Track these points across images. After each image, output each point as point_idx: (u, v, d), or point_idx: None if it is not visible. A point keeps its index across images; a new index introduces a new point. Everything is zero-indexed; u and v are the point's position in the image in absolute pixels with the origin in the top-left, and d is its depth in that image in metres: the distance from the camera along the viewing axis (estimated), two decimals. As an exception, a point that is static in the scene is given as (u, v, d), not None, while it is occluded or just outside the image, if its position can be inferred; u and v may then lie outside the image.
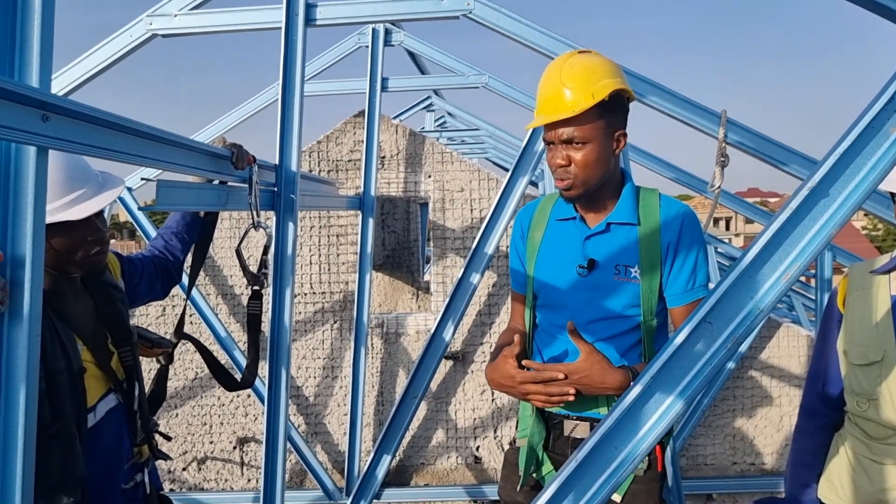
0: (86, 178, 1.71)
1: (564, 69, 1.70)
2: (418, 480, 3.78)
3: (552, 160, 1.75)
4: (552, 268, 1.85)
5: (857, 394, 1.77)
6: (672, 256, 1.77)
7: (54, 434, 1.57)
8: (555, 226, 1.89)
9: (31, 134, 1.15)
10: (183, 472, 3.89)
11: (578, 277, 1.79)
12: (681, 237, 1.77)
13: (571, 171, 1.73)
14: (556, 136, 1.71)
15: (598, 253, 1.80)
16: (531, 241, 1.91)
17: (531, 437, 1.84)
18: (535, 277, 1.88)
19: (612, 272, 1.78)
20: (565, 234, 1.86)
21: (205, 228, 2.35)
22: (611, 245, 1.80)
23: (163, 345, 2.15)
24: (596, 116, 1.68)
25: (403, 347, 3.76)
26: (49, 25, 1.19)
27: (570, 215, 1.86)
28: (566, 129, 1.69)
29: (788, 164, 2.73)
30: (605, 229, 1.81)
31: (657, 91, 2.74)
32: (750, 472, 3.67)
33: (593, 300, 1.78)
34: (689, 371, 1.16)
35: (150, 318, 3.79)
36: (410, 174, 3.85)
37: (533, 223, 1.93)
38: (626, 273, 1.77)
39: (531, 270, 1.89)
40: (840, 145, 1.10)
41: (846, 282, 1.86)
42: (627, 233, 1.80)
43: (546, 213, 1.93)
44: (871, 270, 1.80)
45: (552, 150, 1.75)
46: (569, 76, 1.69)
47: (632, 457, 1.17)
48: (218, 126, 4.32)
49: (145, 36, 2.75)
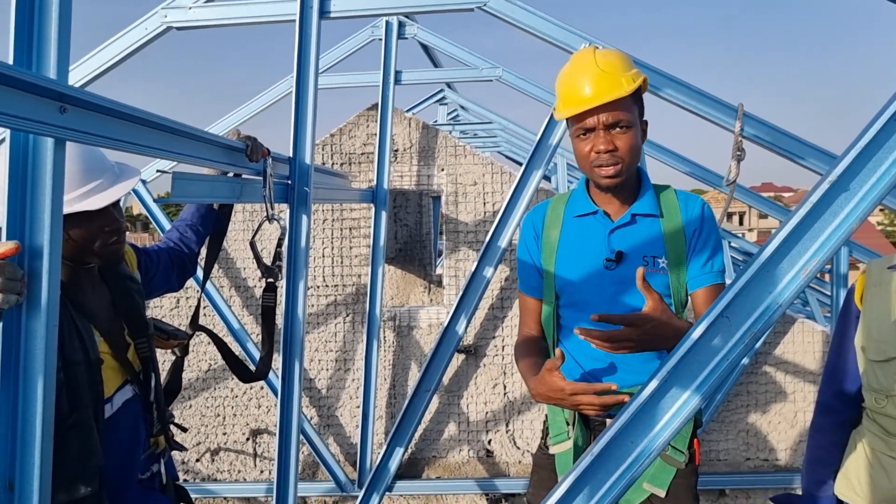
0: (102, 169, 1.72)
1: (598, 58, 1.72)
2: (430, 473, 3.79)
3: (594, 147, 1.71)
4: (576, 265, 1.82)
5: (876, 390, 1.76)
6: (694, 245, 1.79)
7: (72, 425, 1.59)
8: (572, 223, 1.86)
9: (48, 125, 1.16)
10: (196, 463, 3.91)
11: (605, 271, 1.77)
12: (703, 228, 1.80)
13: (619, 156, 1.71)
14: (601, 122, 1.69)
15: (625, 245, 1.78)
16: (547, 241, 1.88)
17: (576, 440, 1.79)
18: (558, 277, 1.85)
19: (641, 263, 1.76)
20: (586, 230, 1.84)
21: (219, 221, 2.36)
22: (637, 236, 1.79)
23: (179, 336, 2.16)
24: (632, 102, 1.72)
25: (416, 341, 3.77)
26: (66, 18, 1.20)
27: (589, 210, 1.84)
28: (613, 113, 1.68)
29: (805, 157, 2.71)
30: (631, 220, 1.80)
31: (673, 84, 2.72)
32: (763, 468, 3.65)
33: (622, 293, 1.76)
34: (706, 366, 1.15)
35: (165, 310, 3.81)
36: (423, 167, 3.84)
37: (547, 223, 1.90)
38: (654, 264, 1.76)
39: (552, 271, 1.86)
40: (862, 139, 1.08)
41: (863, 278, 1.85)
42: (651, 224, 1.80)
43: (559, 212, 1.90)
44: (889, 266, 1.79)
45: (592, 137, 1.72)
46: (605, 63, 1.71)
47: (648, 451, 1.16)
48: (232, 118, 4.32)
49: (160, 29, 2.75)
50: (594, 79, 1.69)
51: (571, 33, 2.77)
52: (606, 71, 1.69)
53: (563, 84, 1.76)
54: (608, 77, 1.69)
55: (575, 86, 1.71)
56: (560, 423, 1.86)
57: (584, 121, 1.71)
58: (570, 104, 1.72)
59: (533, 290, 1.93)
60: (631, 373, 1.80)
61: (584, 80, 1.70)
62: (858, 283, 1.86)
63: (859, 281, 1.86)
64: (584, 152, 1.74)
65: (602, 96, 1.67)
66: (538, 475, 1.97)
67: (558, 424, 1.86)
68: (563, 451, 1.83)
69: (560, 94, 1.77)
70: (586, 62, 1.72)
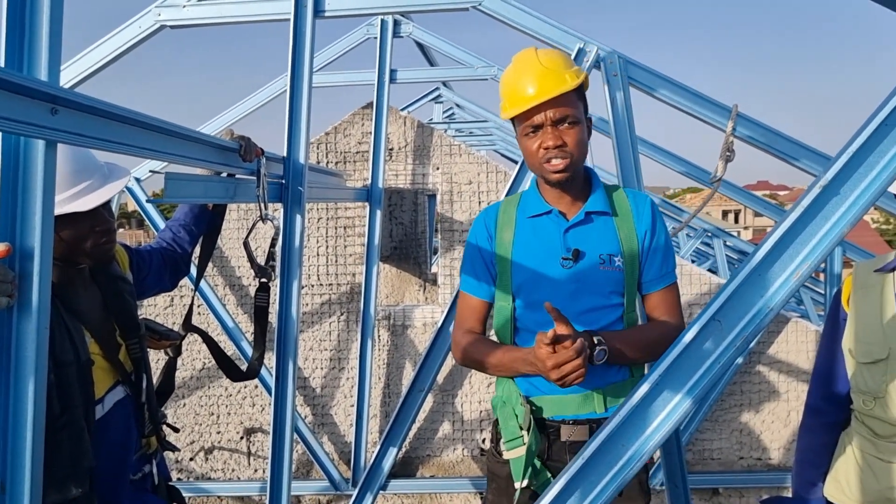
0: (92, 170, 1.72)
1: (540, 57, 1.75)
2: (424, 472, 3.79)
3: (543, 143, 1.73)
4: (532, 265, 1.82)
5: (864, 392, 1.77)
6: (648, 244, 1.82)
7: (63, 425, 1.58)
8: (526, 223, 1.86)
9: (39, 127, 1.15)
10: (190, 462, 3.91)
11: (562, 270, 1.77)
12: (654, 225, 1.83)
13: (568, 151, 1.73)
14: (549, 118, 1.71)
15: (581, 243, 1.79)
16: (501, 243, 1.87)
17: (530, 446, 1.78)
18: (514, 278, 1.84)
19: (598, 261, 1.78)
20: (541, 229, 1.84)
21: (213, 221, 2.36)
22: (592, 235, 1.81)
23: (171, 337, 2.16)
24: (577, 99, 1.76)
25: (410, 340, 3.77)
26: (58, 19, 1.19)
27: (543, 210, 1.84)
28: (560, 109, 1.71)
29: (799, 158, 2.72)
30: (586, 219, 1.81)
31: (668, 85, 2.72)
32: (756, 467, 3.66)
33: (579, 291, 1.77)
34: (697, 369, 1.16)
35: (158, 309, 3.80)
36: (418, 166, 3.84)
37: (499, 225, 1.89)
38: (610, 262, 1.78)
39: (507, 272, 1.85)
40: (853, 143, 1.09)
41: (850, 281, 1.86)
42: (605, 222, 1.82)
43: (511, 213, 1.89)
44: (875, 269, 1.81)
45: (540, 134, 1.74)
46: (548, 61, 1.74)
47: (639, 454, 1.17)
48: (226, 117, 4.31)
49: (154, 27, 2.74)
50: (539, 76, 1.71)
51: (566, 33, 2.77)
52: (550, 68, 1.72)
53: (508, 84, 1.77)
54: (552, 74, 1.71)
55: (520, 85, 1.73)
56: (513, 427, 1.83)
57: (531, 118, 1.73)
58: (516, 103, 1.73)
59: (480, 291, 1.91)
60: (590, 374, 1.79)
61: (529, 78, 1.72)
62: (845, 286, 1.87)
63: (846, 284, 1.87)
64: (532, 149, 1.76)
65: (548, 92, 1.69)
66: (495, 483, 1.94)
67: (511, 429, 1.83)
68: (517, 457, 1.80)
69: (506, 95, 1.78)
70: (529, 61, 1.75)
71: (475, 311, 1.93)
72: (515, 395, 1.84)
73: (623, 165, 2.71)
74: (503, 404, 1.88)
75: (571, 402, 1.80)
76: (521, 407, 1.80)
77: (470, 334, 1.91)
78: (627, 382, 1.83)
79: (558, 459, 1.82)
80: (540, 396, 1.83)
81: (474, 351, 1.88)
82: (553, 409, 1.82)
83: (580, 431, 1.81)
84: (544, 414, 1.82)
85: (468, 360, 1.91)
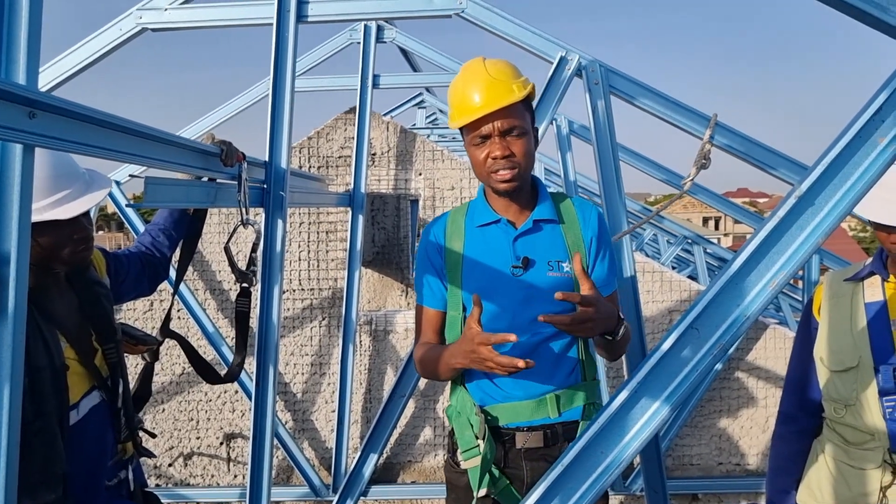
0: (73, 177, 1.70)
1: (488, 67, 1.75)
2: (405, 478, 3.78)
3: (490, 153, 1.73)
4: (482, 274, 1.82)
5: (835, 400, 1.80)
6: (595, 251, 1.85)
7: (36, 431, 1.56)
8: (475, 233, 1.86)
9: (17, 131, 1.14)
10: (169, 468, 3.87)
11: (513, 278, 1.77)
12: (600, 233, 1.86)
13: (515, 161, 1.74)
14: (497, 128, 1.72)
15: (530, 251, 1.80)
16: (450, 253, 1.87)
17: (486, 455, 1.78)
18: (465, 287, 1.83)
19: (546, 268, 1.79)
20: (490, 238, 1.84)
21: (193, 225, 2.34)
22: (541, 242, 1.82)
23: (148, 342, 2.14)
24: (524, 109, 1.77)
25: (392, 345, 3.76)
26: (37, 22, 1.18)
27: (492, 219, 1.84)
28: (507, 120, 1.71)
29: (776, 167, 2.75)
30: (534, 227, 1.82)
31: (648, 94, 2.74)
32: (735, 473, 3.69)
33: (530, 299, 1.77)
34: (675, 377, 1.17)
35: (138, 313, 3.77)
36: (401, 171, 3.84)
37: (448, 235, 1.88)
38: (559, 268, 1.79)
39: (458, 282, 1.85)
40: (828, 154, 1.10)
41: (821, 290, 1.90)
42: (553, 230, 1.83)
43: (460, 223, 1.89)
44: (845, 279, 1.84)
45: (488, 144, 1.74)
46: (496, 71, 1.74)
47: (617, 461, 1.17)
48: (207, 121, 4.29)
49: (135, 30, 2.72)
50: (486, 87, 1.71)
51: (548, 41, 2.78)
52: (497, 79, 1.72)
53: (456, 95, 1.78)
54: (500, 84, 1.72)
55: (468, 95, 1.73)
56: (469, 436, 1.83)
57: (479, 128, 1.73)
58: (464, 112, 1.73)
59: (435, 302, 1.90)
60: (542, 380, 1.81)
61: (477, 88, 1.72)
62: (816, 296, 1.91)
63: (817, 293, 1.91)
64: (479, 159, 1.76)
65: (495, 102, 1.69)
66: (455, 493, 1.93)
67: (467, 439, 1.83)
68: (475, 466, 1.80)
69: (454, 105, 1.78)
70: (477, 72, 1.75)
71: (431, 323, 1.91)
72: (469, 405, 1.83)
73: (604, 172, 2.73)
74: (458, 414, 1.87)
75: (525, 409, 1.80)
76: (476, 416, 1.80)
77: (425, 346, 1.90)
78: (580, 386, 1.84)
79: (515, 466, 1.83)
80: (493, 405, 1.82)
81: (427, 360, 1.87)
82: (507, 417, 1.81)
83: (535, 438, 1.81)
84: (499, 422, 1.82)
85: (426, 371, 1.91)
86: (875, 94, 1.09)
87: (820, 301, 1.89)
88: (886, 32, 1.10)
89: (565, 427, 1.82)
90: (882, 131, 1.08)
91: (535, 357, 1.77)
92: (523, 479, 1.83)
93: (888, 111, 1.08)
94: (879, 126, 1.08)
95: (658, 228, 7.95)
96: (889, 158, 1.08)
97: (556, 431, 1.81)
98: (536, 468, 1.81)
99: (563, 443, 1.82)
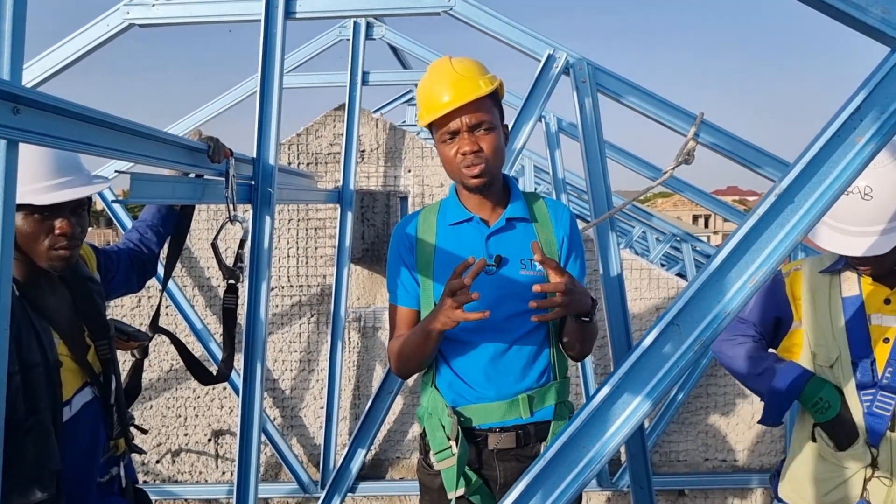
0: (67, 170, 1.69)
1: (454, 65, 1.77)
2: (393, 474, 3.79)
3: (460, 149, 1.74)
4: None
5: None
6: (567, 251, 1.87)
7: (29, 429, 1.56)
8: (447, 231, 1.86)
9: (1, 127, 1.14)
10: (157, 465, 3.86)
11: (485, 277, 1.76)
12: (572, 233, 1.88)
13: (483, 157, 1.74)
14: (465, 124, 1.73)
15: (503, 249, 1.81)
16: (422, 252, 1.86)
17: (460, 457, 1.77)
18: (437, 286, 1.82)
19: (519, 266, 1.80)
20: (463, 237, 1.84)
21: (181, 221, 2.34)
22: (513, 240, 1.83)
23: (139, 338, 2.14)
24: (492, 105, 1.78)
25: (380, 342, 3.77)
26: (21, 17, 1.18)
27: (464, 217, 1.85)
28: (475, 115, 1.73)
29: (762, 166, 2.77)
30: (507, 225, 1.83)
31: (636, 92, 2.76)
32: (721, 469, 3.72)
33: (504, 297, 1.78)
34: (656, 372, 1.18)
35: (126, 310, 3.76)
36: (390, 168, 3.84)
37: (419, 234, 1.88)
38: (531, 266, 1.80)
39: (430, 280, 1.84)
40: (807, 153, 1.12)
41: (799, 279, 1.91)
42: (526, 228, 1.85)
43: (431, 222, 1.89)
44: (820, 270, 1.86)
45: (457, 140, 1.75)
46: (462, 69, 1.76)
47: (599, 456, 1.19)
48: (195, 118, 4.27)
49: (122, 25, 2.71)
50: (453, 83, 1.73)
51: (536, 38, 2.79)
52: (464, 75, 1.75)
53: (424, 92, 1.79)
54: (466, 80, 1.74)
55: (435, 92, 1.75)
56: (441, 438, 1.82)
57: (447, 125, 1.74)
58: (432, 110, 1.75)
59: (408, 301, 1.89)
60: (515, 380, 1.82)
61: (444, 85, 1.74)
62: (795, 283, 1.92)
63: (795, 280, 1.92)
64: (449, 156, 1.77)
65: (462, 97, 1.71)
66: (428, 496, 1.93)
67: (439, 440, 1.83)
68: (448, 468, 1.80)
69: (422, 103, 1.80)
70: (444, 69, 1.77)
71: (405, 321, 1.89)
72: (441, 406, 1.83)
73: (591, 170, 2.74)
74: (429, 415, 1.87)
75: (497, 410, 1.81)
76: (448, 418, 1.80)
77: (399, 338, 1.88)
78: (552, 386, 1.85)
79: (489, 467, 1.83)
80: (465, 406, 1.82)
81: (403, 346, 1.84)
82: (480, 418, 1.82)
83: (507, 439, 1.82)
84: (472, 423, 1.82)
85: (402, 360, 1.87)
86: (853, 94, 1.10)
87: (799, 289, 1.90)
88: (866, 33, 1.11)
89: (537, 427, 1.83)
90: (860, 131, 1.10)
91: (507, 357, 1.80)
92: (497, 480, 1.83)
93: (866, 111, 1.09)
94: (858, 125, 1.09)
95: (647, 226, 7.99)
96: (867, 158, 1.10)
97: (529, 432, 1.82)
98: (509, 469, 1.82)
99: (535, 443, 1.83)
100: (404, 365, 1.88)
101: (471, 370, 1.82)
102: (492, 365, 1.80)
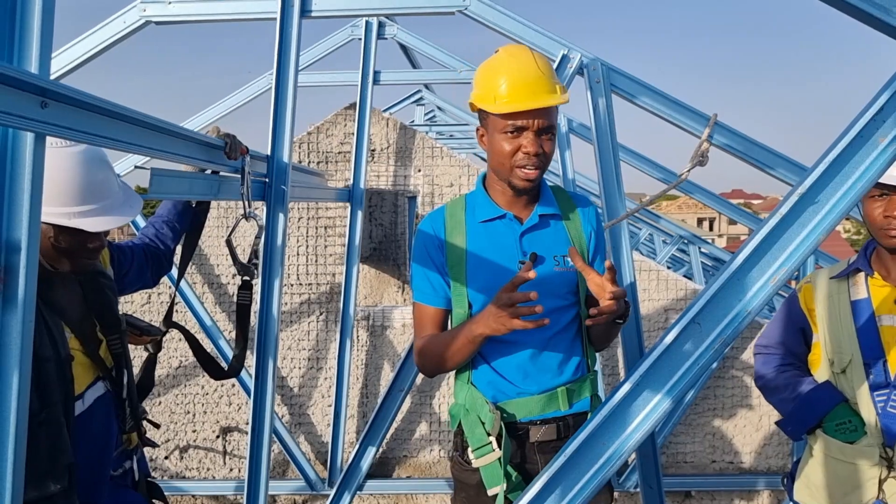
0: (109, 191, 1.71)
1: (537, 60, 1.73)
2: (401, 473, 3.80)
3: (524, 148, 1.70)
4: (489, 270, 1.79)
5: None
6: (594, 245, 1.88)
7: (42, 422, 1.57)
8: (478, 228, 1.83)
9: (29, 120, 1.15)
10: (165, 461, 3.88)
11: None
12: (598, 227, 1.89)
13: (543, 161, 1.74)
14: (537, 124, 1.69)
15: (537, 246, 1.80)
16: (453, 249, 1.82)
17: (505, 452, 1.75)
18: (470, 284, 1.80)
19: (553, 263, 1.79)
20: (495, 234, 1.82)
21: (196, 218, 2.35)
22: (546, 237, 1.82)
23: (152, 333, 2.15)
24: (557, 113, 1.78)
25: (389, 340, 3.77)
26: (50, 10, 1.19)
27: (497, 214, 1.82)
28: (548, 119, 1.71)
29: (775, 167, 2.77)
30: (540, 222, 1.82)
31: (649, 92, 2.76)
32: (728, 471, 3.72)
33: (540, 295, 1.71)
34: (677, 370, 1.19)
35: (136, 306, 3.77)
36: (400, 168, 3.86)
37: (448, 231, 1.84)
38: (564, 263, 1.79)
39: (462, 278, 1.81)
40: (830, 153, 1.12)
41: (811, 291, 1.93)
42: (556, 224, 1.85)
43: (460, 218, 1.85)
44: (831, 277, 1.88)
45: (521, 138, 1.70)
46: (545, 67, 1.73)
47: (619, 453, 1.19)
48: (209, 114, 4.29)
49: (139, 23, 2.73)
50: (536, 81, 1.69)
51: (551, 39, 2.80)
52: (548, 76, 1.71)
53: (497, 78, 1.71)
54: (548, 82, 1.70)
55: (516, 83, 1.69)
56: (480, 434, 1.80)
57: (515, 119, 1.69)
58: (515, 100, 1.68)
59: (436, 301, 1.85)
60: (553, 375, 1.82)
61: (526, 79, 1.69)
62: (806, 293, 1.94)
63: (806, 290, 1.94)
64: (507, 150, 1.72)
65: (546, 99, 1.68)
66: (465, 493, 1.89)
67: (478, 436, 1.80)
68: (489, 464, 1.78)
69: (493, 88, 1.71)
70: (527, 63, 1.71)
71: (433, 320, 1.86)
72: (480, 402, 1.81)
73: (604, 171, 2.74)
74: (466, 412, 1.84)
75: (537, 403, 1.81)
76: (490, 414, 1.77)
77: (427, 336, 1.85)
78: (586, 378, 1.86)
79: (529, 461, 1.83)
80: (507, 401, 1.81)
81: (432, 346, 1.82)
82: (521, 412, 1.81)
83: (548, 431, 1.81)
84: (515, 418, 1.81)
85: (429, 360, 1.84)
86: (876, 94, 1.11)
87: (812, 300, 1.93)
88: (888, 34, 1.12)
89: (576, 419, 1.83)
90: (883, 131, 1.10)
91: (545, 352, 1.80)
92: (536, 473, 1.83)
93: (889, 112, 1.10)
94: (881, 126, 1.10)
95: (654, 228, 7.98)
96: (889, 158, 1.10)
97: (568, 424, 1.82)
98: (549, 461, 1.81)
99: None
100: (437, 365, 1.85)
101: (510, 367, 1.81)
102: (531, 361, 1.80)
